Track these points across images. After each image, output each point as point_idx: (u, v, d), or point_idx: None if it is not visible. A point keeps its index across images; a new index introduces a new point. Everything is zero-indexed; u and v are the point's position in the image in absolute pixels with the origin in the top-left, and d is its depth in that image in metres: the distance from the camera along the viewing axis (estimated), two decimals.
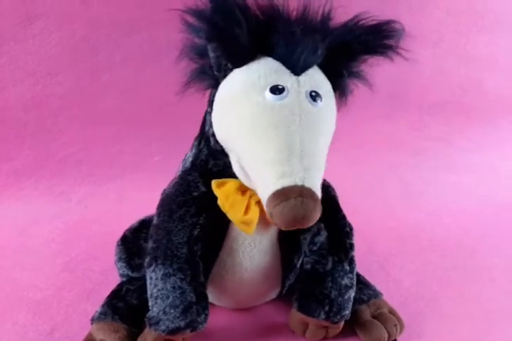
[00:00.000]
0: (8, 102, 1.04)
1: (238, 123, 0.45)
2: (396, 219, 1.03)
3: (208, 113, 0.52)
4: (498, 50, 1.30)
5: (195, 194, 0.54)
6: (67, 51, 1.03)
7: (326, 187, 0.60)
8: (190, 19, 0.47)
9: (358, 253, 0.63)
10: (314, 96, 0.45)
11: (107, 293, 0.67)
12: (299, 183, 0.40)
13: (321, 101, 0.46)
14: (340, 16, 0.48)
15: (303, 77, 0.46)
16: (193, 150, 0.57)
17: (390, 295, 0.69)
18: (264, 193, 0.42)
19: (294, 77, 0.45)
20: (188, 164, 0.57)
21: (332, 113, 0.49)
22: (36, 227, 0.98)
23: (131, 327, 0.61)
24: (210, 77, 0.50)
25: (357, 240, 0.63)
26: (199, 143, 0.56)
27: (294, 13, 0.47)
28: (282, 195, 0.40)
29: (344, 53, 0.49)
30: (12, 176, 1.08)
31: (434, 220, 1.03)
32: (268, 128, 0.43)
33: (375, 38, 0.48)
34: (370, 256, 0.86)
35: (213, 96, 0.50)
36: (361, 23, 0.47)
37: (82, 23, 1.01)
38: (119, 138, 1.12)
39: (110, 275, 0.79)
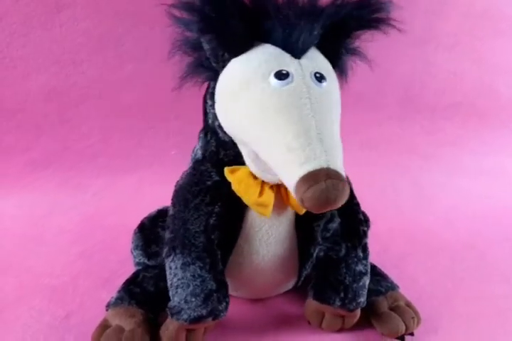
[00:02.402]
0: (31, 91, 1.05)
1: (246, 114, 0.45)
2: (408, 222, 1.03)
3: (210, 106, 0.52)
4: None
5: (209, 183, 0.54)
6: (92, 41, 1.04)
7: None
8: (179, 13, 0.46)
9: (371, 253, 0.63)
10: (319, 77, 0.45)
11: (123, 281, 0.67)
12: (325, 166, 0.40)
13: (325, 81, 0.46)
14: None
15: (304, 60, 0.45)
16: (200, 143, 0.57)
17: (405, 292, 0.68)
18: (290, 180, 0.41)
19: (295, 61, 0.45)
20: (198, 155, 0.57)
21: (337, 91, 0.48)
22: (51, 218, 0.99)
23: (147, 312, 0.61)
24: (208, 69, 0.50)
25: (370, 240, 0.63)
26: (205, 135, 0.56)
27: None
28: (311, 179, 0.39)
29: (339, 31, 0.48)
30: (29, 166, 1.09)
31: (446, 223, 1.03)
32: (279, 114, 0.43)
33: (367, 12, 0.47)
34: (383, 256, 0.86)
35: (213, 88, 0.50)
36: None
37: (109, 13, 1.02)
38: (137, 131, 1.13)
39: (126, 265, 0.80)
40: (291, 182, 0.41)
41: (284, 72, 0.44)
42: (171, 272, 0.56)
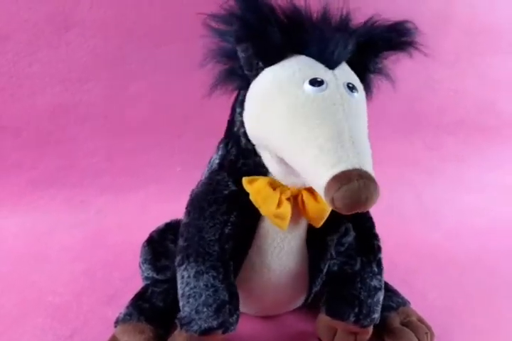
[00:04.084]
0: (36, 109, 1.06)
1: (279, 119, 0.46)
2: (414, 236, 1.03)
3: (239, 113, 0.53)
4: None
5: (226, 192, 0.54)
6: (99, 59, 1.05)
7: None
8: (215, 24, 0.48)
9: None
10: (351, 87, 0.46)
11: (128, 298, 0.66)
12: (357, 166, 0.40)
13: (357, 92, 0.47)
14: (358, 18, 0.50)
15: (337, 71, 0.47)
16: (220, 152, 0.57)
17: (415, 307, 0.67)
18: (321, 180, 0.41)
19: (329, 71, 0.46)
20: (215, 165, 0.57)
21: (365, 105, 0.49)
22: (54, 235, 0.98)
23: (157, 328, 0.60)
24: (240, 77, 0.51)
25: None
26: (226, 145, 0.56)
27: (315, 16, 0.48)
28: (344, 179, 0.39)
29: (369, 49, 0.50)
30: (33, 184, 1.09)
31: (452, 238, 1.03)
32: (312, 118, 0.43)
33: (396, 35, 0.50)
34: (391, 271, 0.85)
35: (243, 96, 0.51)
36: (379, 22, 0.50)
37: (116, 32, 1.04)
38: (142, 149, 1.13)
39: (130, 283, 0.79)
40: (321, 182, 0.41)
41: (319, 79, 0.45)
42: (183, 281, 0.54)
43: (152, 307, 0.63)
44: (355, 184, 0.39)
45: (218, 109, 0.57)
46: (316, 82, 0.45)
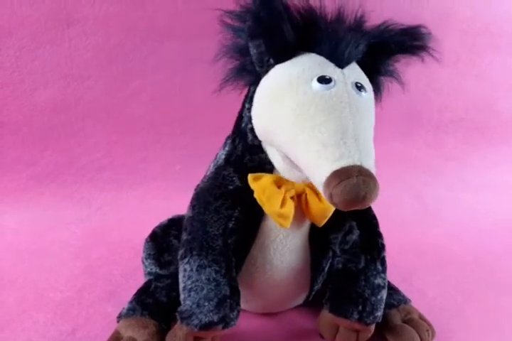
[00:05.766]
0: (38, 105, 1.06)
1: (285, 113, 0.46)
2: (414, 236, 1.03)
3: (247, 109, 0.53)
4: None
5: (231, 187, 0.54)
6: (101, 56, 1.05)
7: None
8: (230, 20, 0.49)
9: None
10: (360, 87, 0.47)
11: (129, 295, 0.66)
12: (358, 163, 0.40)
13: (365, 92, 0.47)
14: (372, 20, 0.51)
15: (347, 70, 0.47)
16: (227, 148, 0.58)
17: (416, 306, 0.68)
18: (321, 175, 0.41)
19: (338, 70, 0.47)
20: (221, 161, 0.58)
21: (373, 105, 0.50)
22: (55, 232, 0.98)
23: (160, 323, 0.60)
24: (251, 73, 0.51)
25: None
26: (233, 141, 0.57)
27: (330, 16, 0.49)
28: (343, 174, 0.39)
29: (381, 51, 0.51)
30: (33, 180, 1.09)
31: (452, 237, 1.03)
32: (319, 114, 0.44)
33: (409, 39, 0.50)
34: (392, 271, 0.86)
35: (253, 92, 0.52)
36: (392, 26, 0.50)
37: (118, 28, 1.04)
38: (142, 146, 1.13)
39: (131, 279, 0.79)
40: (321, 178, 0.41)
41: (327, 77, 0.45)
42: (185, 274, 0.54)
43: (155, 302, 0.63)
44: (353, 180, 0.39)
45: (219, 106, 0.57)
46: (324, 80, 0.45)
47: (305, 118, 0.44)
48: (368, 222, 0.61)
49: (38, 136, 1.08)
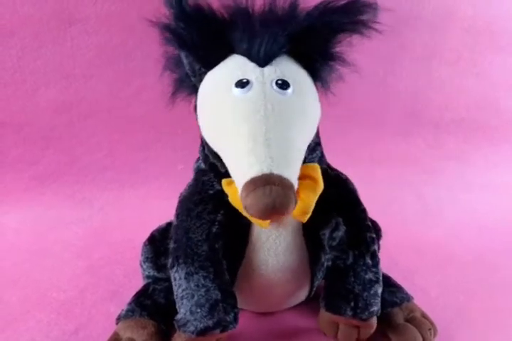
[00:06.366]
0: (40, 105, 1.06)
1: (213, 122, 0.46)
2: (415, 235, 1.03)
3: (196, 119, 0.52)
4: None
5: (211, 192, 0.54)
6: (103, 55, 1.05)
7: (344, 180, 0.59)
8: (163, 32, 0.48)
9: (381, 266, 0.62)
10: (281, 84, 0.45)
11: (131, 295, 0.67)
12: (266, 171, 0.39)
13: (289, 88, 0.45)
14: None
15: (268, 68, 0.46)
16: (200, 156, 0.58)
17: (418, 304, 0.68)
18: (239, 187, 0.41)
19: (258, 69, 0.45)
20: (201, 166, 0.58)
21: (307, 100, 0.47)
22: (57, 232, 0.98)
23: (159, 323, 0.60)
24: (189, 84, 0.51)
25: (379, 253, 0.62)
26: (203, 149, 0.56)
27: (262, 7, 0.47)
28: (251, 186, 0.38)
29: (311, 37, 0.47)
30: (35, 180, 1.09)
31: (453, 237, 1.03)
32: (236, 121, 0.43)
33: (342, 16, 0.46)
34: (393, 269, 0.86)
35: (195, 102, 0.51)
36: (331, 4, 0.46)
37: (120, 28, 1.03)
38: (144, 146, 1.13)
39: (133, 279, 0.79)
40: (239, 189, 0.40)
41: (244, 80, 0.44)
42: (176, 283, 0.55)
43: (154, 303, 0.63)
44: (259, 191, 0.38)
45: None
46: (242, 84, 0.44)
47: (226, 126, 0.44)
48: (355, 216, 0.59)
49: (40, 136, 1.08)
